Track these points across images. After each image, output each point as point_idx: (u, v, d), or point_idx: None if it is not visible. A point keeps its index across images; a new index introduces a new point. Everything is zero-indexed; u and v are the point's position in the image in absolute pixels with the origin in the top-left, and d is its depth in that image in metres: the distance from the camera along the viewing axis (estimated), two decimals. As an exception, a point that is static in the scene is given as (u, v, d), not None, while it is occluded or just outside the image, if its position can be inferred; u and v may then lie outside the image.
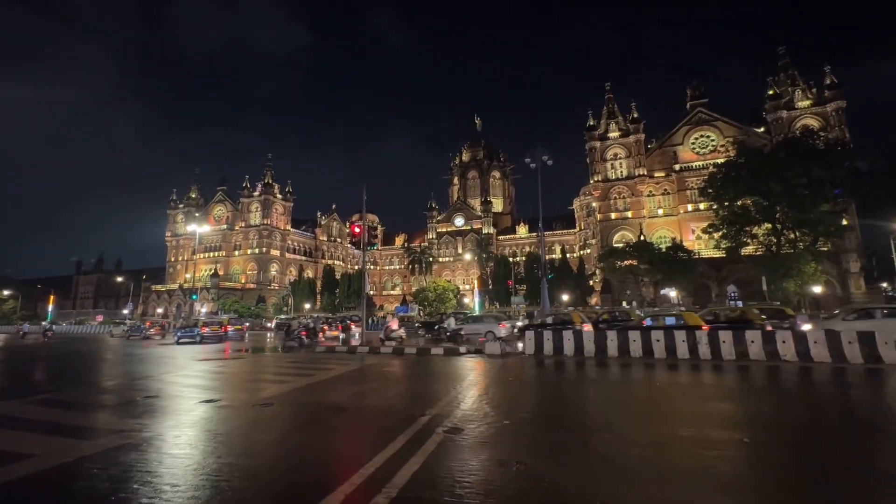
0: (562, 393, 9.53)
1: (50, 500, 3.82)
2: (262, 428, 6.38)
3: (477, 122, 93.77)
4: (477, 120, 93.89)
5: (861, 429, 5.95)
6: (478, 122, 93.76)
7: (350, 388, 9.76)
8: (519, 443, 5.38)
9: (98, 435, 5.76)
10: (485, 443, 5.31)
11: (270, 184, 74.39)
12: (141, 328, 36.55)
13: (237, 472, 4.38)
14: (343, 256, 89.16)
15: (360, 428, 6.30)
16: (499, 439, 5.45)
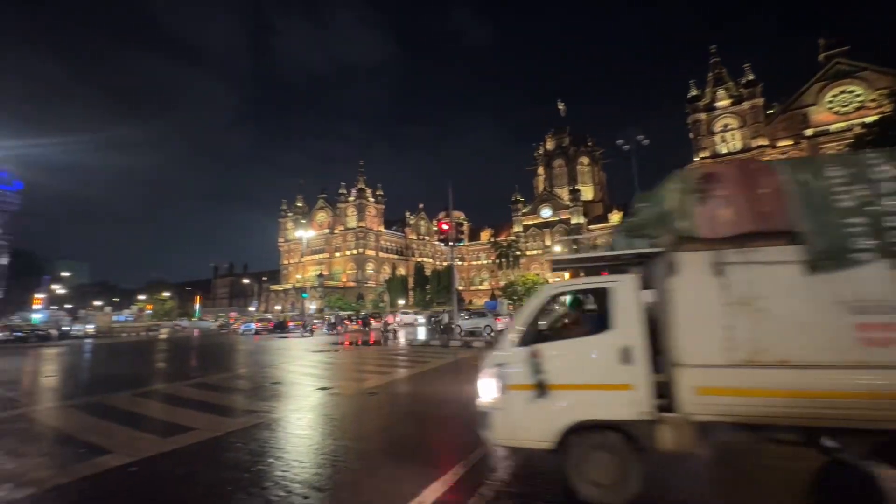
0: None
1: (212, 466, 4.57)
2: (369, 415, 6.90)
3: (560, 108, 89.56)
4: (560, 106, 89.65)
5: None
6: (561, 108, 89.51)
7: (448, 380, 10.06)
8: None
9: (238, 414, 6.75)
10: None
11: (363, 189, 79.71)
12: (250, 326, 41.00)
13: (351, 454, 4.80)
14: (432, 253, 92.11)
15: (459, 419, 6.47)
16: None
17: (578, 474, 3.38)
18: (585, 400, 3.48)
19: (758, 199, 3.29)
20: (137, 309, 76.51)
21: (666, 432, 3.30)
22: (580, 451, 3.42)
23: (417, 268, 68.61)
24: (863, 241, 3.07)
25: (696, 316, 3.31)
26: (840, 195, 3.20)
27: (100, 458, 4.71)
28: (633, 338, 3.44)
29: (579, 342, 3.67)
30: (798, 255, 3.16)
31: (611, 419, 3.41)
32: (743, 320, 3.20)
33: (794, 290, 3.17)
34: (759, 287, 3.23)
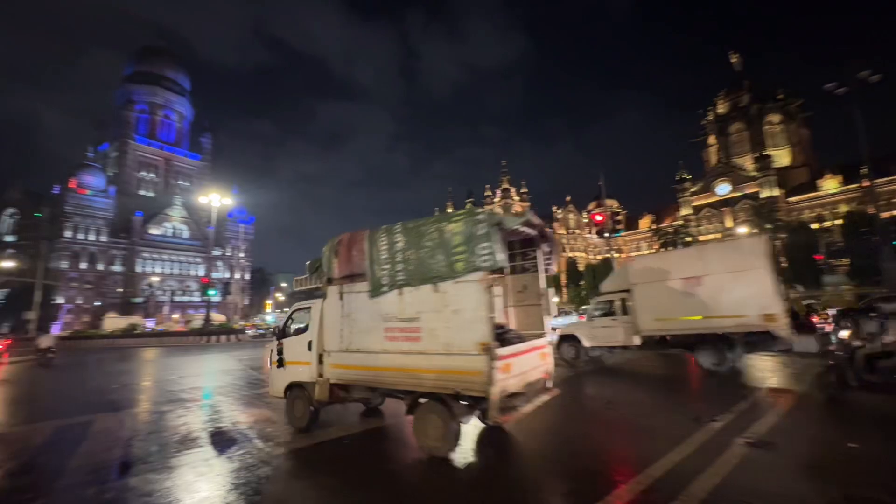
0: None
1: (401, 446, 5.26)
2: (537, 414, 6.91)
3: (734, 61, 74.18)
4: (733, 58, 74.27)
5: None
6: (735, 61, 74.06)
7: (616, 383, 9.38)
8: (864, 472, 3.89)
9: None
10: (814, 468, 4.09)
11: (507, 188, 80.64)
12: None
13: (525, 451, 4.90)
14: (584, 247, 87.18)
15: (634, 426, 5.96)
16: (834, 466, 4.09)
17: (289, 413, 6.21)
18: (296, 370, 6.16)
19: (353, 255, 5.55)
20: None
21: (319, 388, 5.68)
22: (294, 396, 6.11)
23: (569, 263, 65.78)
24: (385, 279, 5.18)
25: (331, 322, 5.72)
26: (380, 252, 5.31)
27: (323, 430, 5.90)
28: (313, 335, 5.98)
29: (296, 338, 6.30)
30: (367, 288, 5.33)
31: (302, 381, 6.01)
32: (347, 325, 5.52)
33: (364, 308, 5.35)
34: (353, 306, 5.52)
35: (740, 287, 9.05)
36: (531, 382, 5.22)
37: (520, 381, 4.94)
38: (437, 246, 4.86)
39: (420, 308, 4.92)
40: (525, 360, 5.16)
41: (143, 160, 76.77)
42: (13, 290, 51.24)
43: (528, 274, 6.48)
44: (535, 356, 5.43)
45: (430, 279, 4.84)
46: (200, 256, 73.08)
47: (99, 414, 7.68)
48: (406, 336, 4.97)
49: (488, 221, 4.62)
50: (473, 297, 4.54)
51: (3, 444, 6.09)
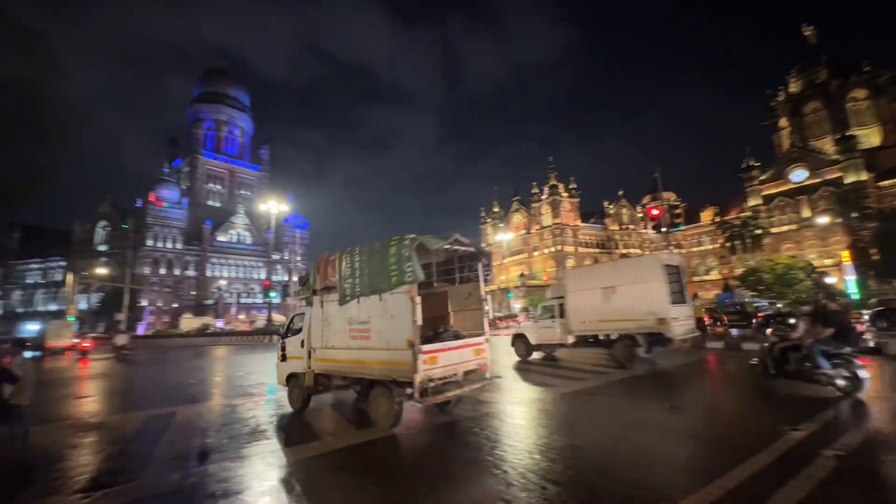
0: None
1: (457, 442, 5.29)
2: (584, 415, 6.68)
3: (808, 34, 67.24)
4: (807, 31, 67.33)
5: None
6: (809, 34, 67.10)
7: (679, 386, 8.85)
8: None
9: (469, 402, 7.56)
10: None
11: (555, 185, 78.58)
12: None
13: (579, 453, 4.74)
14: (639, 243, 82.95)
15: (700, 433, 5.58)
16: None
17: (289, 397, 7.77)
18: (293, 363, 7.67)
19: (329, 272, 6.93)
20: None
21: (307, 377, 7.08)
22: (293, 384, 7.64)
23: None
24: (348, 291, 6.51)
25: (315, 325, 7.17)
26: (344, 270, 6.64)
27: (367, 428, 6.08)
28: (305, 336, 7.47)
29: (293, 338, 7.87)
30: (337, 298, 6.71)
31: (297, 372, 7.48)
32: (325, 327, 6.97)
33: (336, 314, 6.73)
34: (329, 312, 6.94)
35: (642, 296, 10.87)
36: (468, 371, 6.36)
37: (447, 371, 5.96)
38: (380, 265, 6.07)
39: (370, 313, 6.23)
40: (454, 355, 6.16)
41: (211, 173, 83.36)
42: (106, 294, 57.56)
43: (472, 283, 7.42)
44: (468, 351, 6.45)
45: (376, 291, 6.09)
46: (262, 261, 77.97)
47: (179, 406, 8.42)
48: (362, 335, 6.34)
49: (411, 245, 5.73)
50: (403, 305, 5.71)
51: (103, 430, 6.85)
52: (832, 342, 6.86)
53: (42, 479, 4.60)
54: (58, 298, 68.33)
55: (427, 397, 5.55)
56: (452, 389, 6.00)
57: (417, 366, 5.41)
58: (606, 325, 11.60)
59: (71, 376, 15.66)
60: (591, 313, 11.94)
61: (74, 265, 65.09)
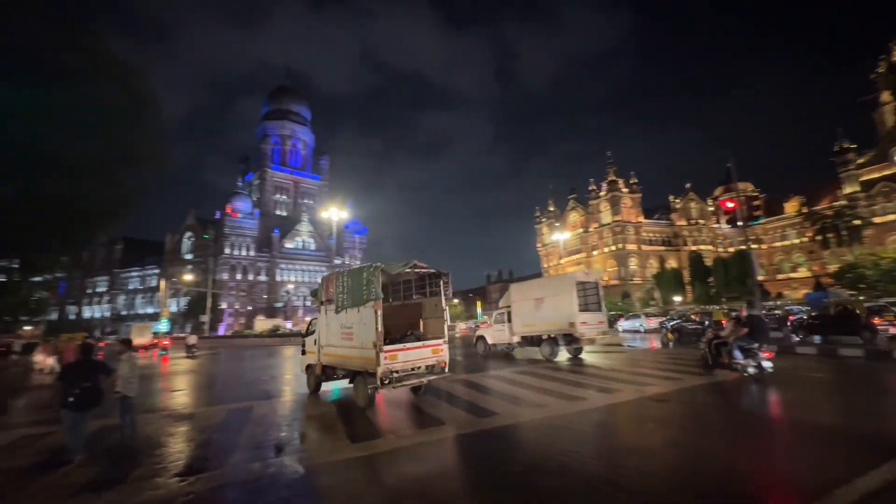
0: None
1: (527, 448, 5.20)
2: (657, 424, 6.26)
3: (915, -6, 58.19)
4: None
5: None
6: (917, -7, 58.01)
7: (764, 394, 8.03)
8: None
9: (526, 405, 7.39)
10: None
11: (614, 180, 74.94)
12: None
13: (651, 460, 4.45)
14: (710, 239, 76.67)
15: (792, 446, 5.01)
16: None
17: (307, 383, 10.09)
18: (310, 357, 10.00)
19: (330, 288, 9.07)
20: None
21: (318, 368, 9.38)
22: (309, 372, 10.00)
23: (693, 258, 58.37)
24: (341, 303, 8.52)
25: (322, 327, 9.27)
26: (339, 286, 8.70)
27: (438, 426, 6.13)
28: (317, 336, 9.52)
29: (310, 337, 10.14)
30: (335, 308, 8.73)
31: (312, 364, 9.76)
32: (328, 329, 9.03)
33: (334, 320, 8.77)
34: (330, 318, 8.95)
35: (560, 306, 14.02)
36: (429, 366, 8.30)
37: (406, 366, 7.92)
38: (357, 284, 8.16)
39: (352, 321, 8.25)
40: (413, 353, 8.09)
41: (278, 185, 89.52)
42: (192, 298, 63.71)
43: (437, 297, 9.31)
44: (427, 350, 8.35)
45: (355, 304, 8.10)
46: (325, 265, 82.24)
47: (256, 401, 9.09)
48: (348, 337, 8.40)
49: (374, 272, 7.77)
50: (370, 315, 7.59)
51: (193, 421, 7.58)
52: (748, 339, 8.84)
53: (147, 462, 5.18)
54: (153, 302, 76.82)
55: (389, 385, 7.49)
56: (412, 379, 7.97)
57: (380, 361, 7.38)
58: (538, 329, 14.89)
59: (156, 372, 17.52)
60: (528, 319, 15.22)
61: (166, 272, 72.93)
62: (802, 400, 7.38)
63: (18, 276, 23.06)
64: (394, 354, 7.71)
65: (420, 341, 8.50)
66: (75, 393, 5.37)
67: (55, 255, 22.34)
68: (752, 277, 15.47)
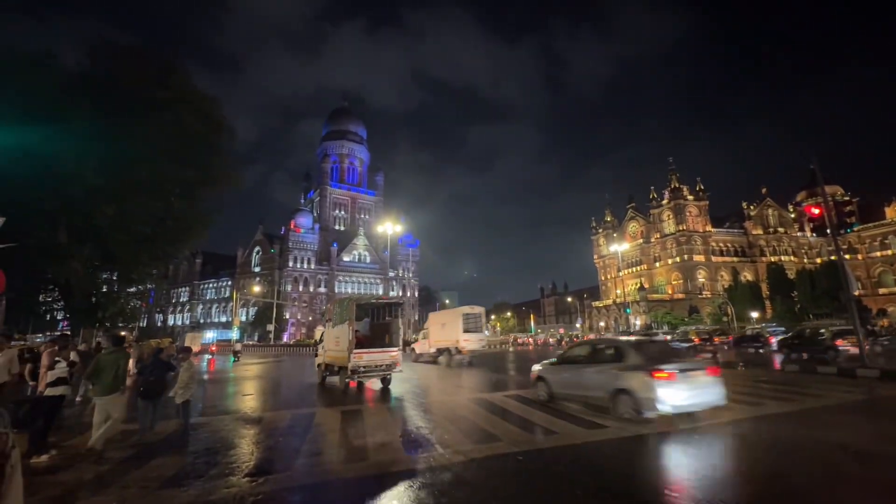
0: None
1: (586, 471, 4.96)
2: (742, 453, 5.68)
3: None
4: None
5: None
6: None
7: (864, 426, 7.04)
8: None
9: (587, 425, 7.03)
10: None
11: (678, 187, 70.59)
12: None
13: (728, 492, 4.05)
14: (793, 249, 69.49)
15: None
16: None
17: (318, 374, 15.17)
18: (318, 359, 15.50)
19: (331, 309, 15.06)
20: (491, 326, 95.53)
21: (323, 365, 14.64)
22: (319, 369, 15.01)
23: (773, 270, 53.14)
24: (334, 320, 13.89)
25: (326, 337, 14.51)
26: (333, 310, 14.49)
27: (494, 443, 6.03)
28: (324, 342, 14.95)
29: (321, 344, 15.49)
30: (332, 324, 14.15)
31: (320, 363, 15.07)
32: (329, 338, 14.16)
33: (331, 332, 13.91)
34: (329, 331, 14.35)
35: (452, 329, 21.64)
36: (388, 365, 12.56)
37: (370, 364, 12.24)
38: (342, 309, 13.06)
39: (339, 333, 12.86)
40: (376, 356, 12.50)
41: (336, 201, 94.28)
42: (260, 308, 68.27)
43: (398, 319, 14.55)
44: (386, 355, 12.70)
45: (341, 322, 12.78)
46: (379, 278, 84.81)
47: (317, 408, 9.48)
48: (337, 344, 12.95)
49: (349, 303, 12.80)
50: (346, 330, 12.21)
51: (262, 424, 8.05)
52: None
53: (222, 462, 5.57)
54: (227, 311, 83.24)
55: (356, 375, 12.14)
56: (375, 373, 12.44)
57: (350, 359, 11.90)
58: (442, 344, 22.24)
59: (210, 378, 18.85)
60: (437, 337, 23.20)
61: (238, 284, 78.91)
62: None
63: (117, 287, 26.07)
64: (360, 355, 12.09)
65: (381, 348, 13.02)
66: (145, 384, 7.02)
67: (147, 269, 25.12)
68: (847, 292, 13.69)
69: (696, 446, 5.83)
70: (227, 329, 74.28)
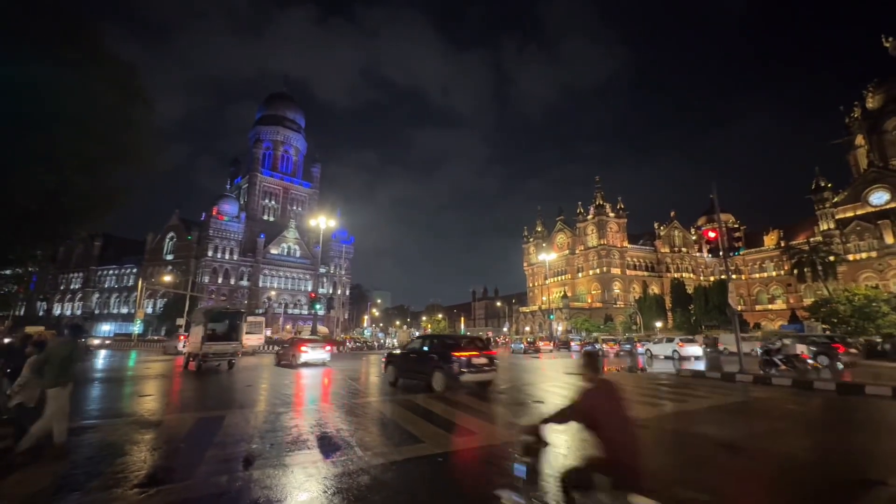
0: None
1: (498, 472, 5.11)
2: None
3: (888, 45, 61.87)
4: (887, 43, 61.99)
5: None
6: (890, 45, 61.69)
7: (739, 425, 8.11)
8: None
9: (509, 426, 7.32)
10: None
11: (602, 205, 76.42)
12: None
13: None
14: (692, 267, 78.33)
15: (769, 479, 5.05)
16: None
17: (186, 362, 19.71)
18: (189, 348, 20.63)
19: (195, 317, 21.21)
20: (423, 327, 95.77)
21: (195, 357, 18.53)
22: (187, 358, 19.42)
23: (675, 285, 59.51)
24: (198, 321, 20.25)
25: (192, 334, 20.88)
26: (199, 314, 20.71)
27: (416, 444, 6.02)
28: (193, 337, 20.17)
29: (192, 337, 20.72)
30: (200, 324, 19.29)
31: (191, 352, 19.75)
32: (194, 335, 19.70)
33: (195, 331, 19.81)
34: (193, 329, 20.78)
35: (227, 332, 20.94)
36: (231, 353, 18.51)
37: (219, 351, 18.13)
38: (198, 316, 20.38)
39: (195, 332, 19.28)
40: (220, 347, 18.19)
41: (267, 189, 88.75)
42: (170, 300, 62.04)
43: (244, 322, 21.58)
44: (229, 346, 18.65)
45: (196, 325, 19.51)
46: (309, 273, 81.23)
47: (228, 410, 8.81)
48: (195, 338, 18.87)
49: (205, 313, 19.79)
50: (200, 330, 18.59)
51: (160, 430, 7.29)
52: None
53: (108, 472, 4.93)
54: (129, 302, 74.53)
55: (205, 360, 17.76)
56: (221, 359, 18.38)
57: (202, 348, 17.59)
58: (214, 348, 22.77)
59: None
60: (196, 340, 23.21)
61: (145, 272, 71.00)
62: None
63: (-13, 269, 22.10)
64: (210, 346, 17.69)
65: (226, 341, 18.88)
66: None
67: (29, 249, 21.61)
68: (730, 307, 15.79)
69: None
70: (128, 322, 66.42)
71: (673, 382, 14.31)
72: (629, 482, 2.47)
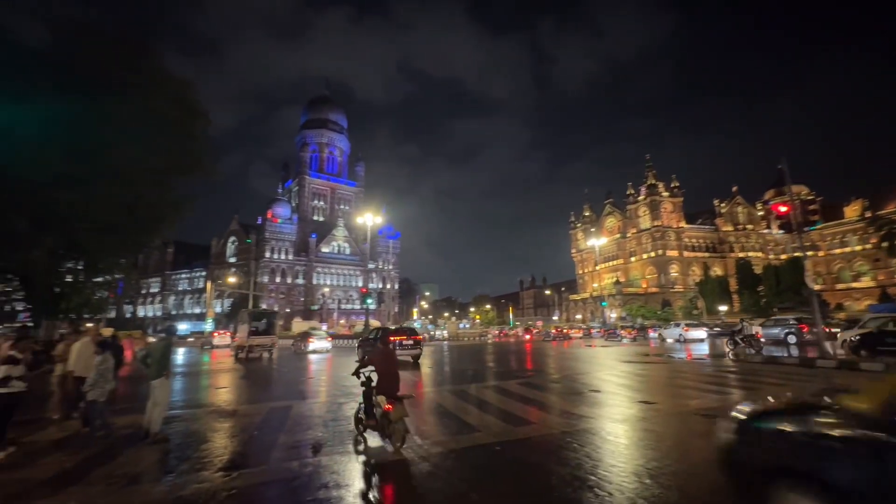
0: None
1: (557, 460, 5.06)
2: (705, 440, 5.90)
3: None
4: None
5: None
6: None
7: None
8: None
9: (566, 416, 7.20)
10: None
11: (654, 184, 72.34)
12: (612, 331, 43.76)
13: (698, 483, 4.21)
14: (760, 245, 72.34)
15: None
16: None
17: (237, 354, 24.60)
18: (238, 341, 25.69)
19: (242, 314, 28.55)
20: (471, 318, 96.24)
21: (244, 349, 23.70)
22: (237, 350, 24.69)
23: (741, 265, 55.23)
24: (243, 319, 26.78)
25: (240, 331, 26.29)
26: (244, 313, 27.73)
27: (473, 433, 6.08)
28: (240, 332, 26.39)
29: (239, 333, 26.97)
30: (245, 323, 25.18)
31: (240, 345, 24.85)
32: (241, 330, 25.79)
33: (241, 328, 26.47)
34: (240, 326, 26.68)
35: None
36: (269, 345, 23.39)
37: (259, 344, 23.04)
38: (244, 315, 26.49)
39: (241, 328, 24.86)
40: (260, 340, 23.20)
41: (315, 191, 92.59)
42: (235, 300, 66.73)
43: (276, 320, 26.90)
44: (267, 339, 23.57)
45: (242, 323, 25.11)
46: (359, 269, 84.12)
47: (294, 401, 9.36)
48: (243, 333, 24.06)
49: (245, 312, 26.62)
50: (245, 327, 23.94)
51: (236, 419, 7.89)
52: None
53: (194, 457, 5.43)
54: (201, 303, 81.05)
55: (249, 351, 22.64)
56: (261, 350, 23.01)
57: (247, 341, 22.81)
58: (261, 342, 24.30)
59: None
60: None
61: (212, 275, 76.86)
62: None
63: (83, 277, 24.95)
64: (253, 339, 22.57)
65: (265, 336, 23.44)
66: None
67: (115, 258, 24.07)
68: (807, 287, 14.39)
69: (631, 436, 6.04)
70: (200, 321, 72.34)
71: (739, 369, 13.37)
72: (389, 395, 5.38)
